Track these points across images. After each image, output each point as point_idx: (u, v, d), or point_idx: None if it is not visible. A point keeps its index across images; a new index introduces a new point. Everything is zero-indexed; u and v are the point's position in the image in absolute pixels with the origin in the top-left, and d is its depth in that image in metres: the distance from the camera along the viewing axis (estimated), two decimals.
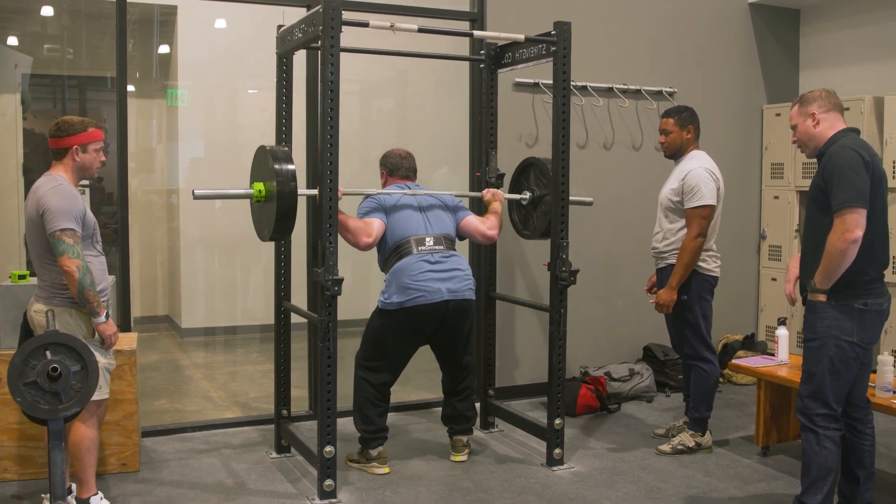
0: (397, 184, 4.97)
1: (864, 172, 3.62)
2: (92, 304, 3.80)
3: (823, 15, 7.09)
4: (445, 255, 4.75)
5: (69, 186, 3.87)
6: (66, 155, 3.93)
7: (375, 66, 7.20)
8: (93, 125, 3.99)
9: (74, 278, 3.73)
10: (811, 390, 3.79)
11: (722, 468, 4.89)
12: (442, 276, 4.67)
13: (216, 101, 7.78)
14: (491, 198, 5.11)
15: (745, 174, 7.13)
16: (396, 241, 4.72)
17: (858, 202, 3.58)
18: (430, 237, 4.75)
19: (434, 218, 4.84)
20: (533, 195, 5.28)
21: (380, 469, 4.74)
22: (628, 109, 6.56)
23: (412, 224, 4.75)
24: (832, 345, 3.72)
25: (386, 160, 5.07)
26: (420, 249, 4.69)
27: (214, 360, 7.75)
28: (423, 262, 4.66)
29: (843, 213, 3.58)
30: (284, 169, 4.24)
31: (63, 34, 7.64)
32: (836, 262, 3.61)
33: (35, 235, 3.86)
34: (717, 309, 5.26)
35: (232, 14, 7.26)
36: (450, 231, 4.88)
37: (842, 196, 3.59)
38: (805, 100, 3.87)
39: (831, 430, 3.77)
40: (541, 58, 4.95)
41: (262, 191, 4.35)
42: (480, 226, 4.96)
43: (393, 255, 4.73)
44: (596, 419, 5.83)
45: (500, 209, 5.07)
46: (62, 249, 3.73)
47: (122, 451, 4.67)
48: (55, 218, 3.74)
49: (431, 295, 4.62)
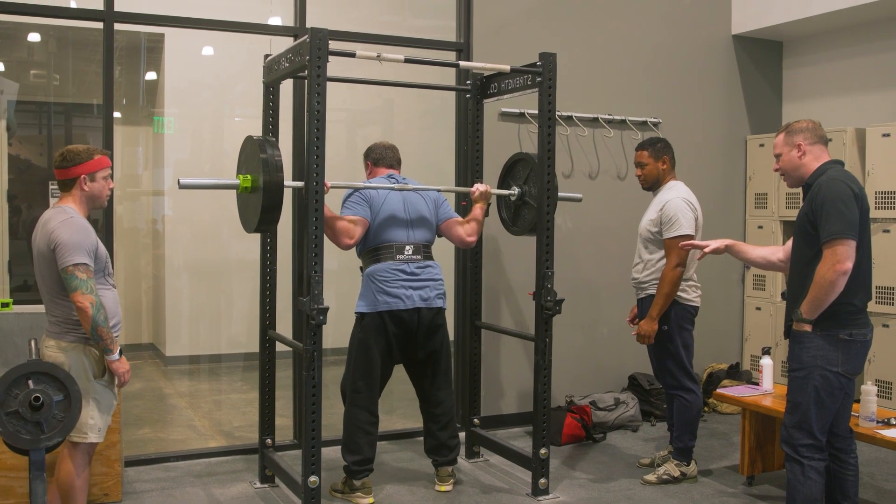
0: (383, 175, 4.98)
1: (853, 204, 3.65)
2: (105, 340, 3.73)
3: (806, 48, 7.18)
4: (421, 265, 4.80)
5: (81, 219, 3.79)
6: (74, 185, 3.84)
7: (362, 95, 7.22)
8: (99, 152, 3.91)
9: (88, 315, 3.65)
10: (796, 420, 3.80)
11: (707, 498, 4.88)
12: (415, 285, 4.74)
13: (203, 129, 7.77)
14: (479, 196, 5.12)
15: (729, 204, 7.18)
16: (377, 243, 4.78)
17: (849, 234, 3.61)
18: (410, 245, 4.80)
19: (417, 219, 4.87)
20: (521, 191, 5.28)
21: (364, 499, 4.71)
22: (613, 139, 6.60)
23: (395, 229, 4.79)
24: (817, 375, 3.73)
25: (370, 152, 5.10)
26: (398, 258, 4.75)
27: (199, 388, 7.69)
28: (397, 270, 4.73)
29: (834, 244, 3.61)
30: (271, 159, 4.22)
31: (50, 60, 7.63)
32: (824, 293, 3.63)
33: (46, 270, 3.77)
34: (702, 338, 5.28)
35: (219, 42, 7.27)
36: (430, 238, 4.93)
37: (833, 227, 3.61)
38: (791, 130, 3.90)
39: (816, 461, 3.78)
40: (526, 88, 4.99)
41: (248, 182, 4.33)
42: (461, 232, 5.00)
43: (370, 255, 4.79)
44: (581, 448, 5.82)
45: (481, 215, 5.09)
46: (75, 285, 3.65)
47: (105, 480, 4.63)
48: (68, 252, 3.66)
49: (404, 302, 4.70)
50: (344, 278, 6.29)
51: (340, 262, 6.82)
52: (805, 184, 3.86)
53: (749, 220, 7.19)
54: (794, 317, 3.78)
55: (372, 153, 5.08)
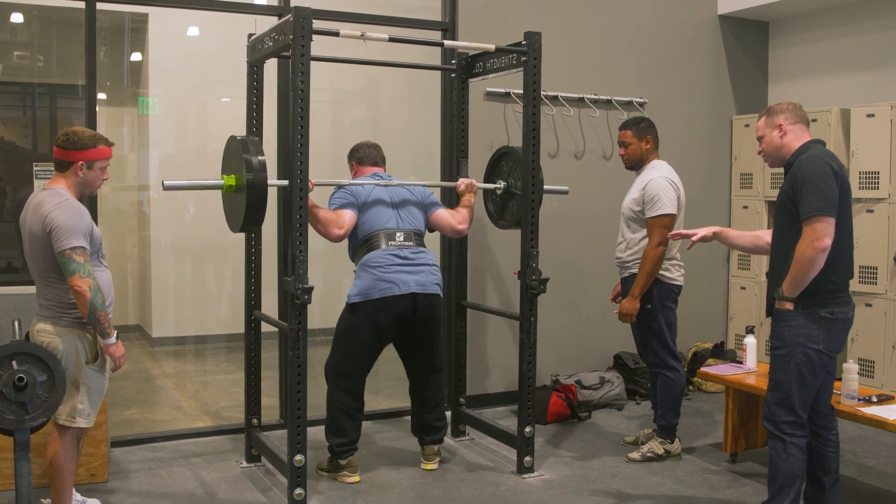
0: (368, 173, 4.97)
1: (832, 182, 3.67)
2: (103, 324, 3.72)
3: (792, 28, 7.19)
4: (415, 250, 4.78)
5: (75, 202, 3.76)
6: (70, 169, 3.81)
7: (348, 74, 7.20)
8: (103, 142, 3.87)
9: (86, 299, 3.63)
10: (778, 398, 3.83)
11: (691, 475, 4.92)
12: (411, 270, 4.71)
13: (188, 109, 7.74)
14: (465, 189, 5.13)
15: (715, 184, 7.20)
16: (367, 233, 4.75)
17: (827, 211, 3.63)
18: (401, 232, 4.78)
19: (405, 213, 4.86)
20: (507, 185, 5.28)
21: (350, 478, 4.73)
22: (599, 119, 6.61)
23: (384, 217, 4.77)
24: (799, 353, 3.76)
25: (354, 152, 5.09)
26: (390, 244, 4.72)
27: (185, 369, 7.70)
28: (391, 255, 4.70)
29: (813, 221, 3.63)
30: (255, 159, 4.22)
31: (33, 41, 7.58)
32: (804, 270, 3.65)
33: (38, 252, 3.74)
34: (687, 318, 5.31)
35: (204, 22, 7.24)
36: (420, 227, 4.91)
37: (811, 205, 3.64)
38: (772, 111, 3.93)
39: (797, 438, 3.81)
40: (511, 68, 4.98)
41: (232, 183, 4.32)
42: (451, 220, 5.00)
43: (363, 247, 4.76)
44: (566, 427, 5.85)
45: (472, 202, 5.10)
46: (73, 269, 3.62)
47: (91, 461, 4.63)
48: (65, 236, 3.63)
49: (400, 287, 4.65)
50: (330, 258, 6.29)
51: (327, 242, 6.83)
52: (786, 163, 3.88)
53: (734, 201, 7.21)
54: (775, 295, 3.81)
55: (356, 153, 5.08)
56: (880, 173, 6.04)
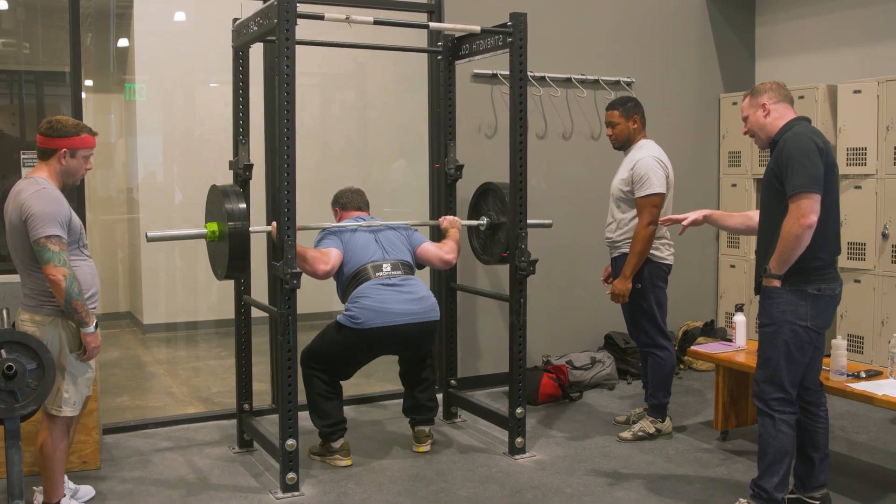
0: (352, 217, 5.02)
1: (817, 158, 3.68)
2: (80, 313, 3.70)
3: (778, 5, 7.17)
4: (405, 279, 4.78)
5: (53, 190, 3.74)
6: (53, 157, 3.80)
7: (335, 58, 7.18)
8: (86, 131, 3.87)
9: (61, 288, 3.62)
10: (767, 375, 3.84)
11: (682, 453, 4.95)
12: (404, 298, 4.69)
13: (175, 95, 7.72)
14: (448, 225, 5.16)
15: (703, 162, 7.20)
16: (354, 268, 4.74)
17: (813, 188, 3.64)
18: (388, 263, 4.77)
19: (390, 245, 4.87)
20: (491, 220, 5.31)
21: (342, 461, 4.74)
22: (586, 99, 6.60)
23: (369, 251, 4.78)
24: (787, 329, 3.77)
25: (338, 198, 5.15)
26: (378, 275, 4.71)
27: (177, 355, 7.71)
28: (381, 285, 4.68)
29: (798, 198, 3.64)
30: (236, 208, 4.29)
31: (19, 28, 7.53)
32: (791, 247, 3.66)
33: (18, 242, 3.73)
34: (678, 296, 5.32)
35: (190, 7, 7.21)
36: (407, 257, 4.91)
37: (796, 181, 3.64)
38: (756, 91, 3.95)
39: (787, 414, 3.83)
40: (497, 49, 4.97)
41: (215, 231, 4.39)
42: (438, 251, 5.01)
43: (351, 283, 4.74)
44: (558, 407, 5.87)
45: (457, 235, 5.12)
46: (47, 257, 3.61)
47: (83, 448, 4.64)
48: (40, 224, 3.61)
49: (395, 317, 4.63)
50: None
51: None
52: (772, 141, 3.89)
53: (723, 179, 7.22)
54: (762, 272, 3.82)
55: (340, 199, 5.13)
56: (867, 149, 6.04)
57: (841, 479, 4.52)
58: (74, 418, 3.95)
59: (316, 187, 6.91)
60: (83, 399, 3.92)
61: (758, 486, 3.89)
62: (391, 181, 7.30)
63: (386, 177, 7.37)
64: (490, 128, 6.23)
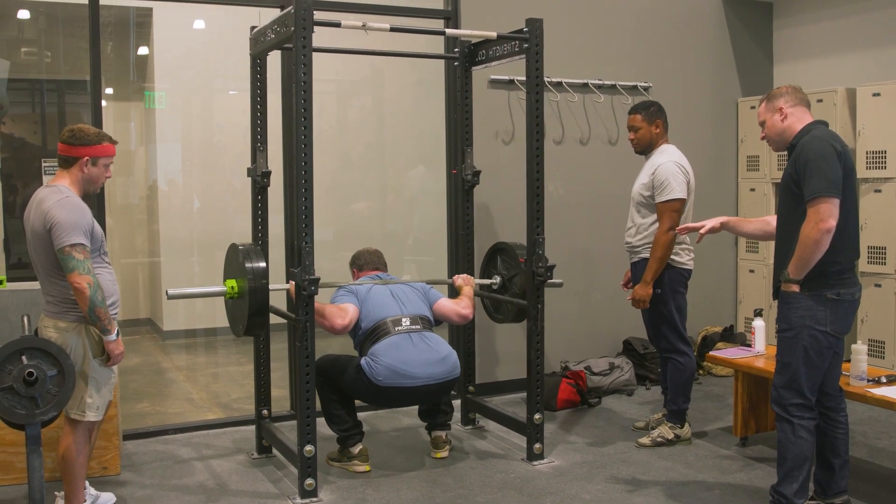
0: (368, 275, 5.06)
1: (836, 163, 3.66)
2: (103, 321, 3.72)
3: (796, 8, 7.15)
4: (425, 335, 4.75)
5: (77, 198, 3.77)
6: (75, 165, 3.83)
7: (352, 65, 7.20)
8: (108, 139, 3.91)
9: (85, 296, 3.64)
10: (786, 380, 3.83)
11: (701, 459, 4.93)
12: (426, 360, 4.63)
13: (194, 103, 7.77)
14: (462, 283, 5.17)
15: (722, 167, 7.18)
16: (372, 323, 4.72)
17: (832, 192, 3.62)
18: (407, 318, 4.76)
19: (407, 300, 4.87)
20: (503, 279, 5.34)
21: (361, 467, 4.75)
22: (604, 105, 6.59)
23: (387, 307, 4.78)
24: (806, 335, 3.75)
25: (356, 259, 5.20)
26: (397, 329, 4.68)
27: (196, 361, 7.74)
28: (402, 340, 4.65)
29: (817, 202, 3.62)
30: (255, 267, 4.33)
31: (40, 38, 7.60)
32: (810, 252, 3.64)
33: (41, 249, 3.76)
34: (697, 301, 5.30)
35: (208, 15, 7.25)
36: (425, 312, 4.89)
37: (815, 186, 3.62)
38: (772, 96, 3.92)
39: (806, 420, 3.81)
40: (514, 55, 4.97)
41: (234, 287, 4.43)
42: (455, 306, 5.00)
43: (368, 339, 4.70)
44: (576, 413, 5.86)
45: (471, 292, 5.13)
46: (72, 266, 3.63)
47: (104, 454, 4.67)
48: (64, 233, 3.64)
49: (416, 380, 4.60)
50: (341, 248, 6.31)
51: (336, 231, 6.85)
52: (790, 145, 3.87)
53: (741, 183, 7.19)
54: (781, 277, 3.80)
55: (358, 260, 5.19)
56: (887, 152, 6.01)
57: (863, 485, 4.49)
58: (97, 424, 3.98)
59: (334, 193, 6.94)
60: (106, 404, 3.95)
61: (777, 492, 3.87)
62: (409, 187, 7.32)
63: (404, 183, 7.38)
64: (507, 133, 6.23)
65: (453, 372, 4.74)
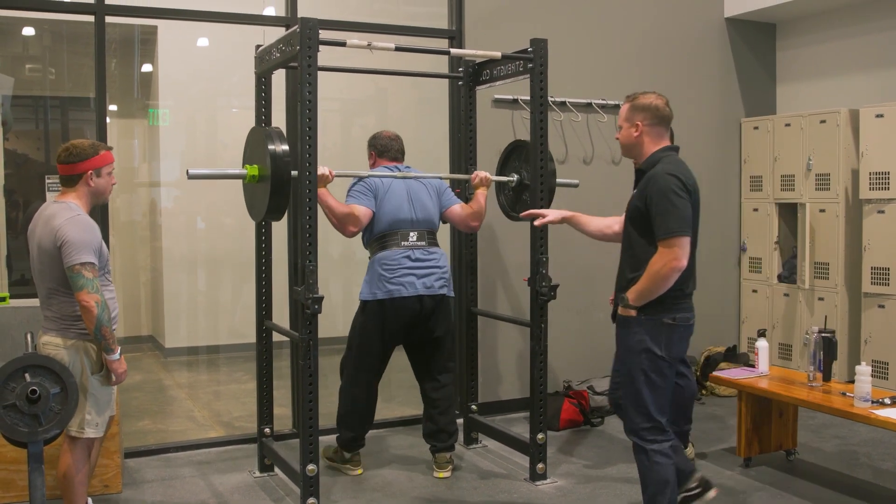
0: (386, 165, 5.03)
1: (687, 199, 3.63)
2: (108, 340, 3.73)
3: (799, 29, 7.17)
4: (427, 251, 4.87)
5: (87, 217, 3.78)
6: (80, 181, 3.84)
7: (357, 84, 7.22)
8: (104, 148, 3.91)
9: (93, 314, 3.64)
10: (632, 404, 3.79)
11: None
12: (419, 273, 4.81)
13: (198, 121, 7.78)
14: (479, 182, 5.15)
15: (725, 187, 7.19)
16: (382, 229, 4.83)
17: (685, 231, 3.60)
18: (414, 232, 4.85)
19: (421, 208, 4.91)
20: (520, 177, 5.29)
21: (354, 471, 4.90)
22: (607, 124, 6.61)
23: (399, 214, 4.84)
24: (645, 358, 3.71)
25: (375, 141, 5.15)
26: (403, 244, 4.81)
27: (198, 379, 7.72)
28: (404, 257, 4.80)
29: (671, 242, 3.59)
30: (278, 149, 4.25)
31: (45, 55, 7.63)
32: (656, 286, 3.62)
33: (47, 266, 3.76)
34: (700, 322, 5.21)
35: (213, 33, 7.27)
36: (434, 222, 4.97)
37: (669, 225, 3.59)
38: (635, 106, 3.87)
39: (658, 443, 3.76)
40: (518, 74, 4.99)
41: (255, 174, 4.37)
42: (466, 218, 5.06)
43: (377, 243, 4.85)
44: (579, 433, 5.84)
45: (483, 201, 5.11)
46: (81, 284, 3.63)
47: (105, 472, 4.65)
48: (75, 251, 3.64)
49: (406, 289, 4.76)
50: (350, 266, 6.31)
51: (344, 249, 6.85)
52: (638, 168, 3.83)
53: (744, 203, 7.20)
54: (620, 302, 3.77)
55: (377, 142, 5.13)
56: (890, 174, 6.01)
57: None
58: (97, 441, 3.96)
59: None
60: (106, 421, 3.93)
61: None
62: None
63: None
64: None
65: (444, 286, 4.91)
